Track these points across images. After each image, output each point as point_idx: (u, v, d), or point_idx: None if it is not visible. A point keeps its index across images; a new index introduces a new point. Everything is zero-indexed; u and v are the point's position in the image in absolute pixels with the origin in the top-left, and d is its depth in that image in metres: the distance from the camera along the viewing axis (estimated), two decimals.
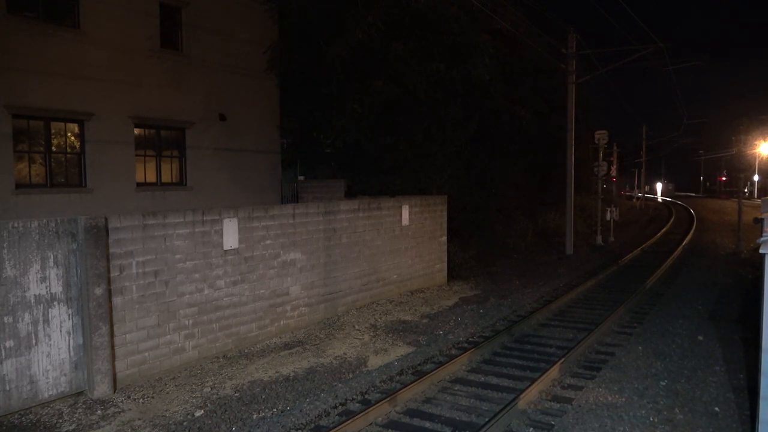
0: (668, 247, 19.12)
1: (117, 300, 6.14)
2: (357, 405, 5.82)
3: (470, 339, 8.24)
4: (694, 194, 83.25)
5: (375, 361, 7.20)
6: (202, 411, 5.69)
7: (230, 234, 7.36)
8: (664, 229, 25.85)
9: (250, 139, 15.52)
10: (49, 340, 5.71)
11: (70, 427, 5.31)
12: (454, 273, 12.74)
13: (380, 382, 6.45)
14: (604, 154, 20.86)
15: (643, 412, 5.59)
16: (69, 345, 5.87)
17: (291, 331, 8.35)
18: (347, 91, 13.61)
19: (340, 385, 6.36)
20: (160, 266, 6.54)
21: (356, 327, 8.69)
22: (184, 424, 5.40)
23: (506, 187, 18.69)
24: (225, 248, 7.30)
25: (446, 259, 12.30)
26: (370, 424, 5.35)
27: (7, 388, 5.44)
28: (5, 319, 5.41)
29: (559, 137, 19.71)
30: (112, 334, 6.07)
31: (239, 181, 15.20)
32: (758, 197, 54.43)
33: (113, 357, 6.09)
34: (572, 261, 16.08)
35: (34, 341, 5.61)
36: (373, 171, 14.94)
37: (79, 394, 5.97)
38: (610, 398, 5.93)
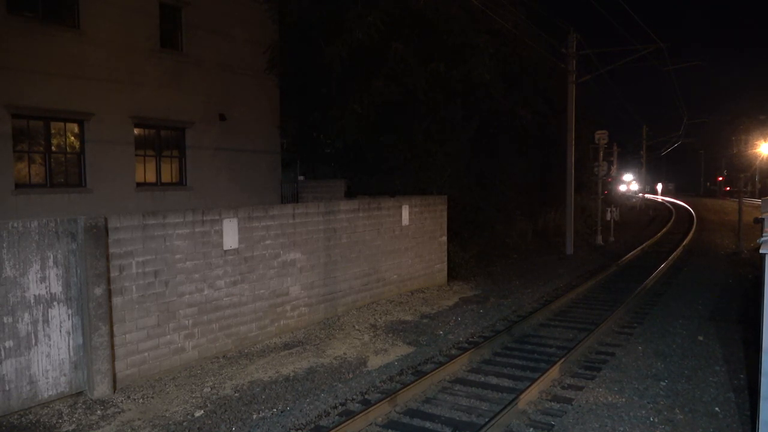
0: (668, 247, 19.11)
1: (117, 300, 6.13)
2: (357, 405, 5.81)
3: (470, 339, 8.23)
4: (694, 194, 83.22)
5: (375, 361, 7.20)
6: (202, 411, 5.68)
7: (230, 234, 7.35)
8: (664, 229, 25.84)
9: (250, 139, 15.52)
10: (49, 340, 5.71)
11: (70, 428, 5.31)
12: (454, 273, 12.73)
13: (380, 382, 6.45)
14: (604, 153, 20.85)
15: (644, 412, 5.59)
16: (69, 345, 5.86)
17: (291, 331, 8.35)
18: (347, 91, 13.60)
19: (340, 385, 6.35)
20: (160, 266, 6.54)
21: (356, 327, 8.69)
22: (184, 424, 5.40)
23: (506, 187, 18.69)
24: (225, 248, 7.29)
25: (446, 259, 12.29)
26: (370, 424, 5.35)
27: (7, 389, 5.43)
28: (5, 319, 5.41)
29: (559, 137, 19.70)
30: (111, 334, 6.06)
31: (239, 181, 15.19)
32: (759, 197, 54.38)
33: (113, 357, 6.09)
34: (572, 261, 16.08)
35: (33, 341, 5.60)
36: (373, 171, 14.94)
37: (79, 394, 5.96)
38: (610, 398, 5.93)
